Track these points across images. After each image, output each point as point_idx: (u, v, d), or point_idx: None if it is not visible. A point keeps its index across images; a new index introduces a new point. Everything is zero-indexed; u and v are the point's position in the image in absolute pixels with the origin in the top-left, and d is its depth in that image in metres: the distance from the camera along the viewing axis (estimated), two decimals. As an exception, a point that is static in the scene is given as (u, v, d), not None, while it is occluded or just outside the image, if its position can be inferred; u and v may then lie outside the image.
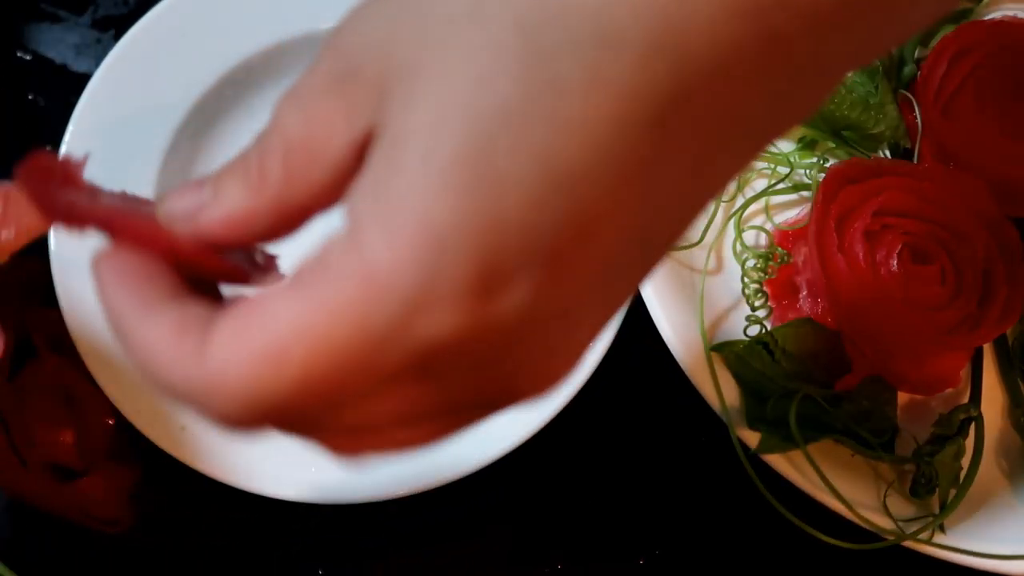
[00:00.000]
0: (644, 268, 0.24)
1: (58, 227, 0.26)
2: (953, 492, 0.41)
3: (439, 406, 0.25)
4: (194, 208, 0.25)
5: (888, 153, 0.45)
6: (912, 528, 0.39)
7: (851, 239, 0.40)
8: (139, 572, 0.52)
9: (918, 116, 0.44)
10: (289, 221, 0.25)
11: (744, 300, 0.42)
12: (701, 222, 0.43)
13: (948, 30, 0.45)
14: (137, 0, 0.58)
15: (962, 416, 0.42)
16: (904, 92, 0.45)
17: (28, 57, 0.58)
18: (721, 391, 0.40)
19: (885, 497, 0.40)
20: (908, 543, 0.39)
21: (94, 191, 0.27)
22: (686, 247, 0.42)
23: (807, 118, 0.41)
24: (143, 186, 0.52)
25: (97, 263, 0.25)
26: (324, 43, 0.25)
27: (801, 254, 0.42)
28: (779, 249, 0.42)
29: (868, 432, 0.40)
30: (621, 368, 0.51)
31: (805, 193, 0.45)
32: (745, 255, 0.42)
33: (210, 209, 0.25)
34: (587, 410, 0.50)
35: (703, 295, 0.41)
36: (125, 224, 0.26)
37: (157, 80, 0.53)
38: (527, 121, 0.21)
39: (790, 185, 0.44)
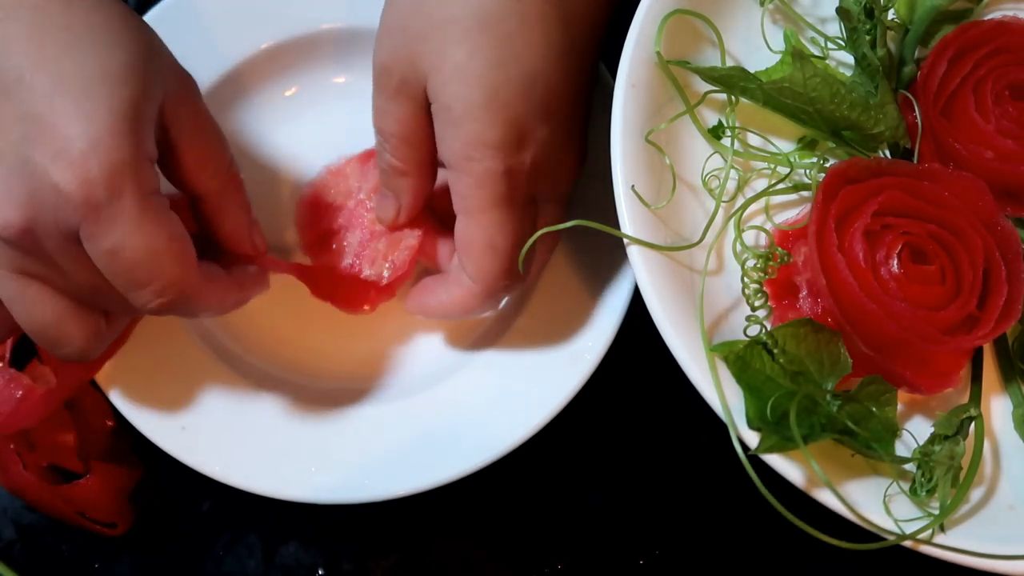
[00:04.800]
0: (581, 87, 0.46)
1: None
2: (953, 492, 0.41)
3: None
4: (394, 209, 0.49)
5: (888, 153, 0.45)
6: (912, 528, 0.39)
7: (851, 239, 0.40)
8: (139, 572, 0.52)
9: (918, 116, 0.44)
10: (429, 173, 0.48)
11: (744, 300, 0.41)
12: (701, 222, 0.43)
13: (948, 30, 0.45)
14: (137, 0, 0.58)
15: (962, 416, 0.42)
16: (904, 92, 0.45)
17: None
18: (721, 391, 0.40)
19: (885, 497, 0.40)
20: (908, 543, 0.39)
21: None
22: (686, 247, 0.42)
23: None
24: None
25: None
26: (375, 68, 0.46)
27: (801, 254, 0.42)
28: (779, 249, 0.42)
29: (868, 432, 0.40)
30: (621, 368, 0.51)
31: (805, 193, 0.45)
32: (745, 255, 0.42)
33: (401, 200, 0.48)
34: (587, 410, 0.50)
35: (703, 295, 0.41)
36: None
37: (157, 80, 0.53)
38: (499, 65, 0.42)
39: (790, 185, 0.44)
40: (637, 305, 0.46)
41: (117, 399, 0.49)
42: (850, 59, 0.46)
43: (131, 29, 0.41)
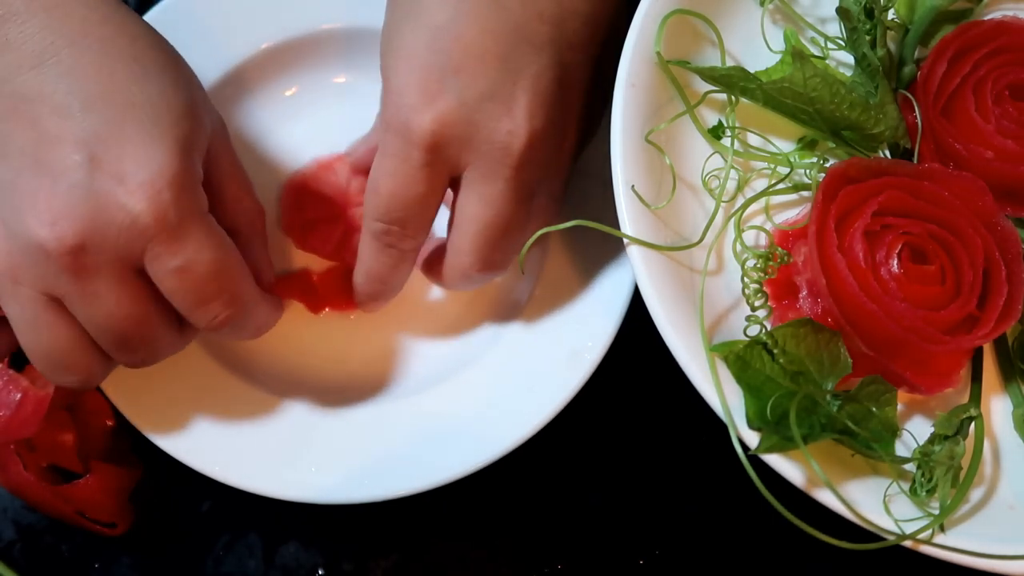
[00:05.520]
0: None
1: None
2: (953, 492, 0.41)
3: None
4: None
5: (888, 153, 0.45)
6: (912, 528, 0.39)
7: (851, 239, 0.40)
8: (139, 572, 0.52)
9: (918, 116, 0.44)
10: None
11: (744, 300, 0.41)
12: (701, 222, 0.43)
13: (948, 30, 0.45)
14: (136, 0, 0.58)
15: (962, 416, 0.42)
16: (904, 92, 0.45)
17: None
18: (721, 391, 0.40)
19: (885, 497, 0.40)
20: (908, 543, 0.39)
21: None
22: (686, 247, 0.42)
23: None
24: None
25: None
26: None
27: (801, 254, 0.43)
28: (779, 249, 0.42)
29: (868, 432, 0.40)
30: (621, 368, 0.51)
31: (805, 193, 0.45)
32: (745, 255, 0.42)
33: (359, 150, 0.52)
34: (587, 410, 0.50)
35: (703, 295, 0.41)
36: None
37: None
38: (408, 18, 0.43)
39: (790, 185, 0.44)
40: (637, 305, 0.46)
41: (117, 399, 0.49)
42: (850, 59, 0.46)
43: (186, 71, 0.44)
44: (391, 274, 0.47)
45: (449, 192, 0.45)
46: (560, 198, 0.47)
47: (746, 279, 0.41)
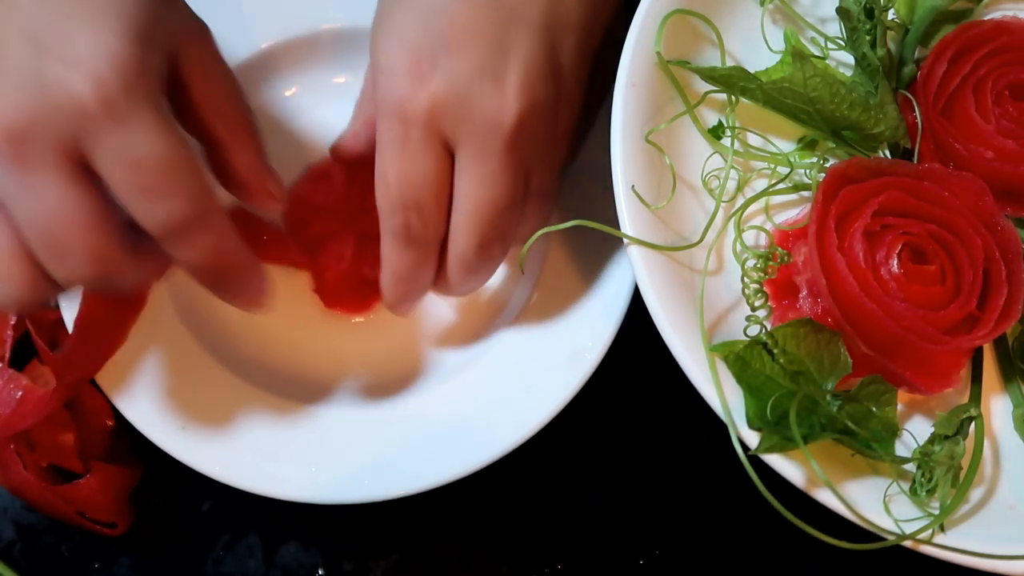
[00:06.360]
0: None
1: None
2: (953, 492, 0.41)
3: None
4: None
5: (888, 153, 0.45)
6: (912, 528, 0.39)
7: (851, 239, 0.41)
8: (139, 572, 0.52)
9: (918, 116, 0.44)
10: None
11: (744, 300, 0.42)
12: (701, 222, 0.43)
13: (948, 30, 0.45)
14: (137, 0, 0.58)
15: (962, 416, 0.42)
16: (904, 92, 0.45)
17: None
18: (721, 391, 0.40)
19: (885, 497, 0.40)
20: (908, 543, 0.39)
21: None
22: (686, 247, 0.42)
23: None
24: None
25: None
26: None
27: (801, 254, 0.43)
28: (779, 249, 0.42)
29: (868, 432, 0.40)
30: (621, 368, 0.51)
31: (805, 193, 0.45)
32: (745, 255, 0.42)
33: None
34: (587, 410, 0.50)
35: (703, 295, 0.41)
36: None
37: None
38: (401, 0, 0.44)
39: (790, 185, 0.44)
40: (637, 305, 0.46)
41: (117, 399, 0.49)
42: (850, 59, 0.46)
43: None
44: (418, 271, 0.45)
45: None
46: (556, 181, 0.46)
47: (746, 279, 0.41)
